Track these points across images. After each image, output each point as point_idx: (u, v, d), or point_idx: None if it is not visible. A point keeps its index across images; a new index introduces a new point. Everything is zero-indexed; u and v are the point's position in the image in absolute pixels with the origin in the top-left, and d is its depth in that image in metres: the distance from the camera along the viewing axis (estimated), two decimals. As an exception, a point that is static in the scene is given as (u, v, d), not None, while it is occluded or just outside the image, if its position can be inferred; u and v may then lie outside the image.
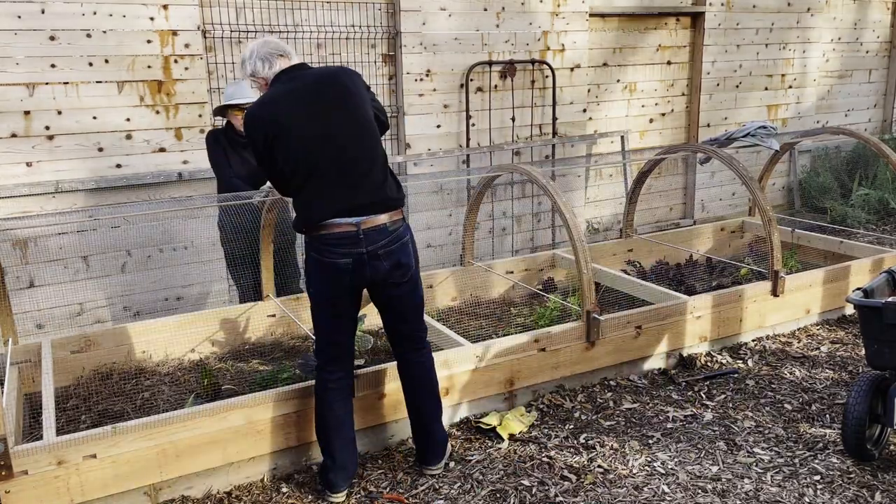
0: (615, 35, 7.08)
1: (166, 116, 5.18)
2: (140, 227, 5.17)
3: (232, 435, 3.27)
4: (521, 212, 6.80)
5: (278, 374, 4.01)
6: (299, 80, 3.09)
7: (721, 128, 7.60)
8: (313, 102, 3.05)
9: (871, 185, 8.14)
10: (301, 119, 3.03)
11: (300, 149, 3.03)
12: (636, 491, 3.27)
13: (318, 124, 3.04)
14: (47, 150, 4.88)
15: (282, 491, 3.34)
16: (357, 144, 3.09)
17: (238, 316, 4.59)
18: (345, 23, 5.79)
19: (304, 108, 3.04)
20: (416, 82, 6.02)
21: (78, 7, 4.81)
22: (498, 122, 6.48)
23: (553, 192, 4.21)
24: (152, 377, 4.20)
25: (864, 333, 3.43)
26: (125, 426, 3.09)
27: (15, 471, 2.92)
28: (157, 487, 3.20)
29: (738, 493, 3.24)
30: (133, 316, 5.26)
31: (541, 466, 3.48)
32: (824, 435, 3.70)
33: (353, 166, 3.07)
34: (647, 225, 7.52)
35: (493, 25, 6.27)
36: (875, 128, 9.20)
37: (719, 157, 5.08)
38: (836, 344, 4.82)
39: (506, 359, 3.92)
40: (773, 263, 4.74)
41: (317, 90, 3.08)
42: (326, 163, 3.04)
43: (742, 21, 7.61)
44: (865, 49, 8.85)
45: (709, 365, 4.52)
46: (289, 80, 3.10)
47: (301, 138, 3.03)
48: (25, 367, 3.93)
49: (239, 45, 5.43)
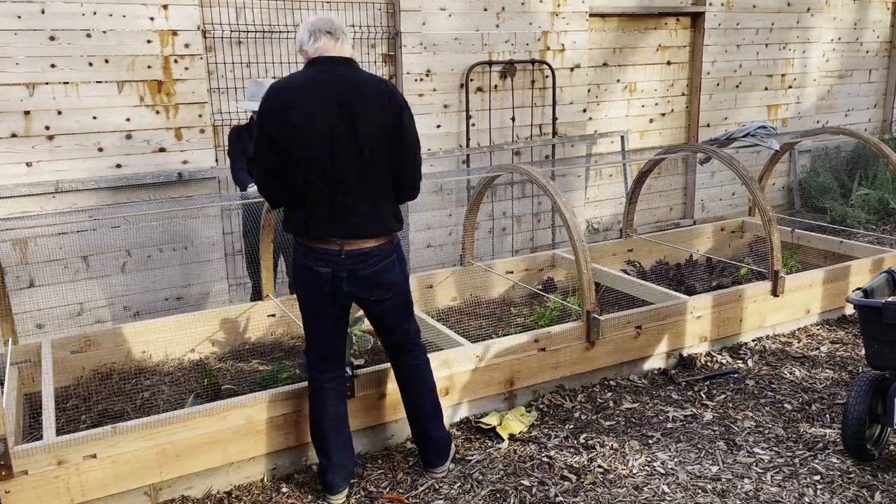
0: (615, 35, 7.08)
1: (166, 116, 5.18)
2: (140, 227, 5.17)
3: (232, 435, 3.27)
4: (521, 212, 6.80)
5: (278, 374, 4.01)
6: (329, 74, 2.93)
7: (721, 128, 7.60)
8: (328, 108, 2.89)
9: (871, 185, 8.14)
10: (310, 119, 2.88)
11: (301, 151, 2.90)
12: (636, 491, 3.27)
13: (325, 132, 2.89)
14: (47, 150, 4.88)
15: (282, 491, 3.34)
16: (356, 166, 2.93)
17: (238, 316, 4.59)
18: (345, 23, 5.77)
19: (319, 106, 2.89)
20: (416, 82, 6.02)
21: (78, 7, 4.81)
22: (498, 122, 6.48)
23: (553, 192, 4.21)
24: (152, 377, 4.20)
25: (864, 333, 3.43)
26: (125, 426, 3.09)
27: (15, 471, 2.91)
28: (157, 487, 3.20)
29: (738, 493, 3.24)
30: (133, 316, 5.26)
31: (541, 466, 3.48)
32: (824, 435, 3.70)
33: (351, 187, 2.94)
34: (647, 225, 7.52)
35: (493, 25, 6.27)
36: (875, 128, 9.20)
37: (719, 157, 5.08)
38: (836, 344, 4.82)
39: (506, 359, 3.92)
40: (773, 263, 4.74)
41: (340, 95, 2.90)
42: (324, 176, 2.92)
43: (742, 21, 7.61)
44: (865, 49, 8.85)
45: (709, 365, 4.52)
46: (321, 70, 2.93)
47: (304, 141, 2.89)
48: (25, 367, 3.93)
49: (239, 45, 5.43)
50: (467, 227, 5.25)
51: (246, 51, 5.47)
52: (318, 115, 2.89)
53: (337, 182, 2.94)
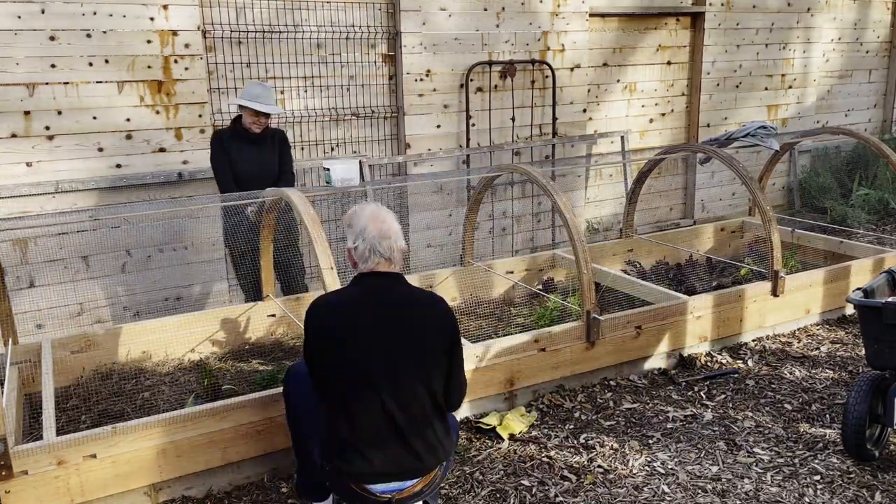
0: (615, 35, 7.08)
1: (166, 116, 5.17)
2: (140, 227, 5.17)
3: (232, 435, 3.27)
4: (521, 212, 6.80)
5: (278, 374, 4.01)
6: (380, 296, 2.67)
7: (721, 128, 7.60)
8: (376, 332, 2.61)
9: (871, 185, 8.14)
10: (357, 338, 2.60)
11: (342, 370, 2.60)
12: (636, 491, 3.27)
13: (372, 354, 2.59)
14: (47, 150, 4.88)
15: (282, 491, 3.34)
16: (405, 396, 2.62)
17: (238, 316, 4.59)
18: (345, 23, 5.79)
19: (367, 330, 2.62)
20: (416, 82, 6.02)
21: (78, 7, 4.81)
22: (498, 122, 6.47)
23: (553, 192, 4.21)
24: (152, 377, 4.20)
25: (864, 333, 3.43)
26: (125, 426, 3.09)
27: (15, 471, 2.91)
28: (157, 487, 3.20)
29: (738, 493, 3.24)
30: (133, 316, 5.26)
31: (541, 466, 3.48)
32: (824, 435, 3.70)
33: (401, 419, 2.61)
34: (647, 225, 7.52)
35: (493, 25, 6.27)
36: (875, 128, 9.20)
37: (719, 157, 5.08)
38: (836, 344, 4.82)
39: (506, 359, 3.92)
40: (773, 263, 4.74)
41: (388, 320, 2.62)
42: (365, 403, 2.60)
43: (742, 21, 7.61)
44: (865, 49, 8.85)
45: (709, 365, 4.52)
46: (370, 290, 2.67)
47: (350, 365, 2.59)
48: (25, 367, 3.93)
49: (239, 45, 5.43)
50: (467, 227, 5.25)
51: (246, 51, 5.47)
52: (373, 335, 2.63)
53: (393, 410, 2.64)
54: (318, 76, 5.77)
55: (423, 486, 2.66)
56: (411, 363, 2.59)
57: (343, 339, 2.59)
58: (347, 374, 2.58)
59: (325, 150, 5.90)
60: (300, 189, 4.57)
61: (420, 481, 2.65)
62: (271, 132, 4.83)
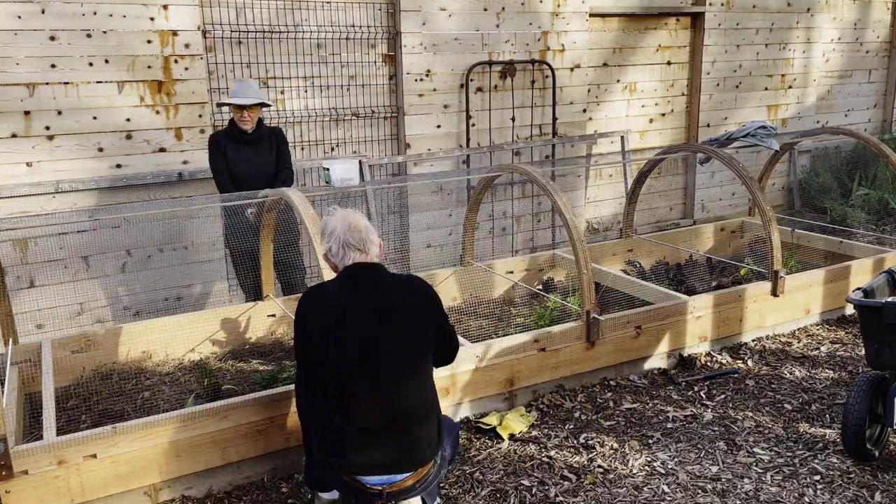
0: (615, 35, 7.08)
1: (166, 116, 5.18)
2: (140, 227, 5.17)
3: (232, 435, 3.27)
4: (521, 212, 6.80)
5: (278, 374, 4.01)
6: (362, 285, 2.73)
7: (721, 128, 7.60)
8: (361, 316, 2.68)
9: (871, 185, 8.14)
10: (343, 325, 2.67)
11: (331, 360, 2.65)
12: (636, 491, 3.27)
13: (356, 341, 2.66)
14: (47, 150, 4.88)
15: (282, 491, 3.34)
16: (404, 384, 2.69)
17: (238, 316, 4.59)
18: (345, 23, 5.79)
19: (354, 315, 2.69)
20: (416, 82, 6.02)
21: (78, 7, 4.81)
22: (498, 122, 6.48)
23: (553, 192, 4.21)
24: (152, 377, 4.20)
25: (864, 333, 3.43)
26: (125, 426, 3.09)
27: (15, 471, 2.92)
28: (157, 487, 3.20)
29: (738, 493, 3.24)
30: (133, 316, 5.26)
31: (541, 466, 3.48)
32: (824, 435, 3.70)
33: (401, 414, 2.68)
34: (647, 225, 7.52)
35: (494, 25, 6.27)
36: (875, 128, 9.20)
37: (719, 157, 5.08)
38: (836, 344, 4.82)
39: (506, 359, 3.92)
40: (773, 263, 4.74)
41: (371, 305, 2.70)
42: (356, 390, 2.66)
43: (742, 21, 7.61)
44: (865, 49, 8.85)
45: (709, 365, 4.52)
46: (352, 281, 2.73)
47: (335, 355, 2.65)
48: (25, 367, 3.94)
49: (239, 45, 5.43)
50: (467, 227, 5.25)
51: (246, 51, 5.47)
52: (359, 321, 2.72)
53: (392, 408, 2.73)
54: (318, 76, 5.77)
55: (414, 480, 2.68)
56: (399, 353, 2.68)
57: (326, 333, 2.65)
58: (336, 367, 2.63)
59: (325, 150, 5.90)
60: (300, 189, 4.58)
61: (412, 475, 2.67)
62: (268, 131, 4.82)
